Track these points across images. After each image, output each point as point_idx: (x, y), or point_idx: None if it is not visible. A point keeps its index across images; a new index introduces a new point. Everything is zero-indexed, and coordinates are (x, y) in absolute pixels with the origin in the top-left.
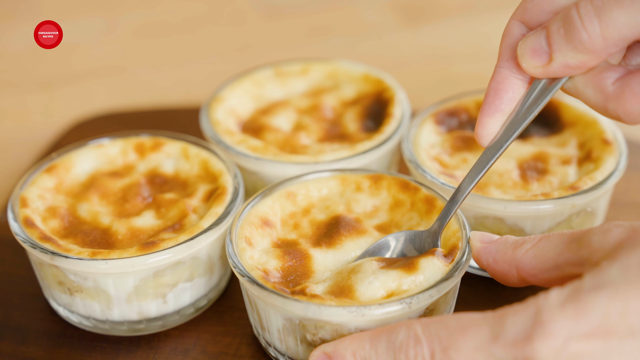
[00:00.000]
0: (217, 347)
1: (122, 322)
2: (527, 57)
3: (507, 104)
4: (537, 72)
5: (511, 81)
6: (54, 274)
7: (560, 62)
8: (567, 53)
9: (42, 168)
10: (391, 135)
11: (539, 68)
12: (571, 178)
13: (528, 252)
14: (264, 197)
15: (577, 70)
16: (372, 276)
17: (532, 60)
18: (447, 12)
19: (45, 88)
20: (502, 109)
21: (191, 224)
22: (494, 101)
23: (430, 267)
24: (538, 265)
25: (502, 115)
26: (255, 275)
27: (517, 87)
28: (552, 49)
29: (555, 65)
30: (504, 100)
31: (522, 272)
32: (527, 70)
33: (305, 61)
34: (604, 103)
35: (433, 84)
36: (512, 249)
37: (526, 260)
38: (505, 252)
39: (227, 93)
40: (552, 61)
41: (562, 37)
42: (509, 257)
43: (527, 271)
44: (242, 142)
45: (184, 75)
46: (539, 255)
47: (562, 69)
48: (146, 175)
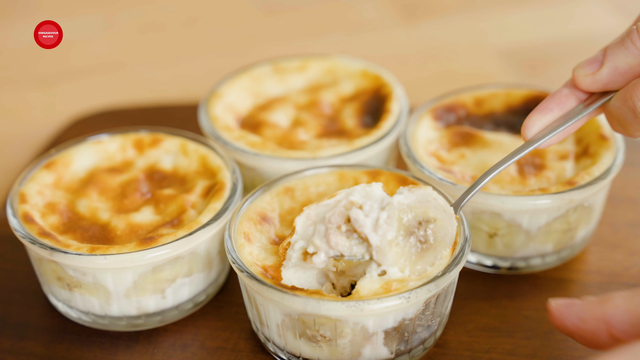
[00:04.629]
0: (216, 342)
1: (121, 318)
2: (581, 66)
3: (557, 107)
4: (587, 80)
5: (567, 93)
6: (53, 270)
7: (610, 65)
8: (618, 56)
9: (41, 164)
10: (389, 131)
11: (588, 76)
12: (568, 173)
13: (619, 307)
14: (263, 193)
15: (623, 77)
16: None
17: (585, 68)
18: (445, 9)
19: (44, 85)
20: (552, 109)
21: (190, 220)
22: (547, 102)
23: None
24: (631, 321)
25: (550, 115)
26: (254, 271)
27: (570, 99)
28: (606, 55)
29: (605, 70)
30: (555, 102)
31: (614, 329)
32: (577, 80)
33: (303, 57)
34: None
35: (431, 80)
36: (600, 305)
37: (618, 315)
38: (593, 310)
39: (226, 89)
40: (602, 67)
41: (616, 43)
42: (598, 314)
43: (619, 327)
44: (240, 137)
45: (182, 71)
46: (631, 310)
47: (610, 74)
48: (145, 171)
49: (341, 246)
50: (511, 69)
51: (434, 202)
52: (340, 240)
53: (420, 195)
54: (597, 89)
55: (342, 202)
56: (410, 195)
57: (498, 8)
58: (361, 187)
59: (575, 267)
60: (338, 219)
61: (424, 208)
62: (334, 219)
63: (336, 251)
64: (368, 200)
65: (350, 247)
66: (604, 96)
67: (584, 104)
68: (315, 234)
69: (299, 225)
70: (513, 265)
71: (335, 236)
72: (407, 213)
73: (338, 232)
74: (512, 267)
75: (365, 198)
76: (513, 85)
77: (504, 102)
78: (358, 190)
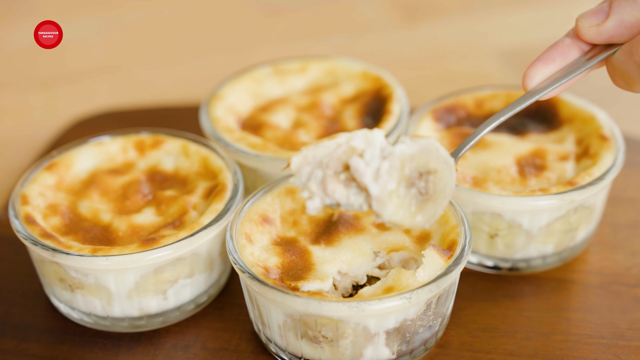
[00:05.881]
0: (218, 343)
1: (122, 319)
2: (585, 17)
3: (560, 58)
4: (591, 31)
5: (569, 43)
6: (55, 271)
7: (616, 18)
8: (625, 8)
9: (42, 166)
10: (390, 132)
11: (593, 27)
12: (569, 174)
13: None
14: (264, 194)
15: (629, 31)
16: None
17: (590, 18)
18: (445, 10)
19: (45, 87)
20: (554, 59)
21: (191, 221)
22: (549, 51)
23: (432, 261)
24: None
25: (553, 65)
26: (256, 271)
27: (574, 50)
28: (612, 7)
29: (610, 22)
30: (558, 52)
31: None
32: (581, 31)
33: (304, 59)
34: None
35: (431, 81)
36: None
37: None
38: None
39: (227, 91)
40: (608, 18)
41: None
42: None
43: None
44: (241, 139)
45: (183, 73)
46: None
47: (615, 26)
48: (146, 172)
49: (338, 195)
50: (511, 70)
51: (435, 153)
52: (338, 188)
53: (423, 145)
54: (601, 41)
55: (342, 147)
56: (413, 144)
57: (498, 9)
58: (362, 133)
59: (576, 268)
60: (337, 164)
61: (426, 159)
62: (332, 164)
63: (333, 200)
64: (369, 147)
65: (348, 196)
66: (607, 49)
67: (585, 56)
68: (312, 178)
69: (294, 164)
70: (514, 265)
71: (333, 184)
72: (408, 163)
73: (336, 180)
74: (513, 268)
75: (366, 145)
76: (513, 86)
77: (504, 103)
78: (359, 136)
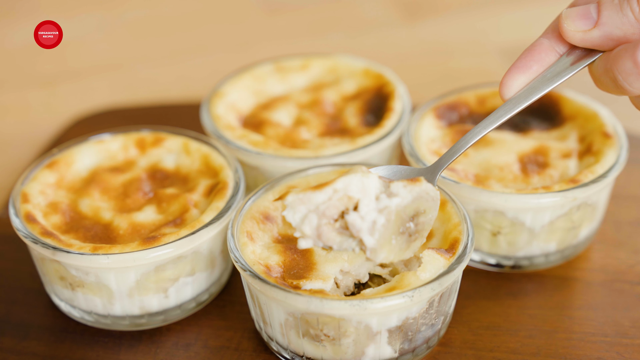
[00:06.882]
0: (219, 341)
1: (124, 317)
2: (571, 19)
3: (537, 64)
4: (577, 36)
5: (547, 48)
6: (56, 269)
7: (605, 30)
8: (614, 20)
9: (43, 164)
10: (392, 130)
11: (579, 32)
12: (572, 171)
13: None
14: (265, 192)
15: (614, 43)
16: None
17: (576, 22)
18: (446, 7)
19: (46, 84)
20: (531, 67)
21: (192, 219)
22: (526, 58)
23: (432, 260)
24: None
25: (530, 73)
26: (257, 270)
27: (551, 55)
28: (601, 16)
29: (597, 33)
30: (534, 59)
31: None
32: (565, 33)
33: (305, 56)
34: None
35: (433, 79)
36: None
37: None
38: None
39: (228, 88)
40: (596, 27)
41: (613, 5)
42: None
43: None
44: (242, 137)
45: (184, 70)
46: None
47: (602, 37)
48: (147, 170)
49: (332, 241)
50: None
51: (426, 196)
52: (332, 235)
53: (416, 193)
54: (584, 47)
55: (338, 194)
56: (407, 195)
57: (499, 6)
58: (358, 179)
59: (579, 265)
60: (333, 212)
61: (418, 204)
62: (329, 213)
63: (326, 245)
64: (365, 197)
65: (341, 242)
66: (588, 55)
67: (567, 58)
68: (306, 222)
69: (289, 200)
70: (516, 263)
71: (328, 232)
72: (402, 214)
73: (331, 228)
74: (516, 266)
75: (362, 193)
76: None
77: None
78: (354, 183)
